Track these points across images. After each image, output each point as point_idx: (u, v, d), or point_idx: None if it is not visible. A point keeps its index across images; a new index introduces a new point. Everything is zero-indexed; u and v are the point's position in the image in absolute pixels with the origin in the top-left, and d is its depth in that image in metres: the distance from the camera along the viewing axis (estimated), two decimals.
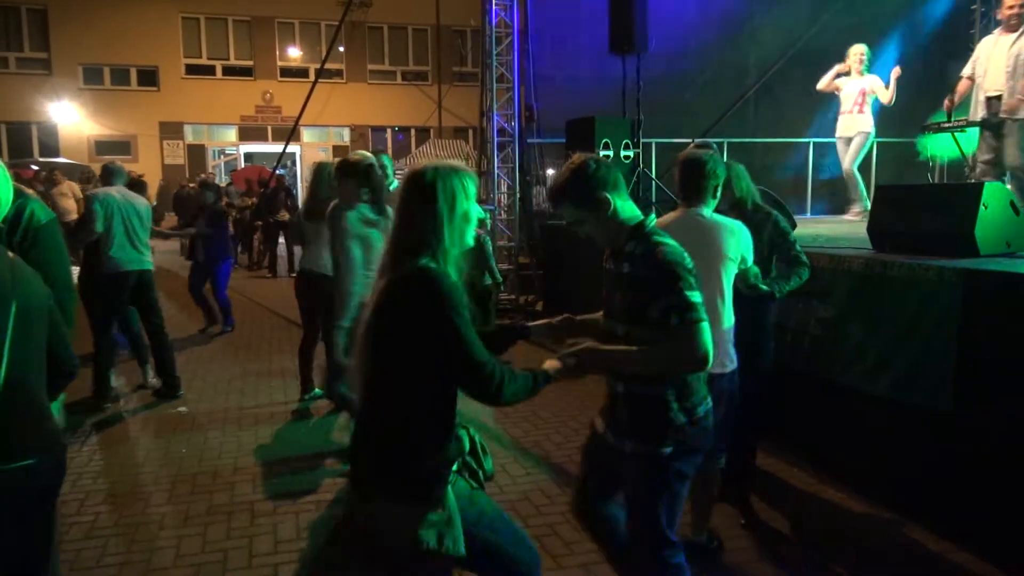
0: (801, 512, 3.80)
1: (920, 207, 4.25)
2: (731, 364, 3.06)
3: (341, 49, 22.96)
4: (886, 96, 7.62)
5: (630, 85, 8.00)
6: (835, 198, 9.18)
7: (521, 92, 9.61)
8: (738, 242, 3.03)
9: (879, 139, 9.70)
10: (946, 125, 7.72)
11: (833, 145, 8.12)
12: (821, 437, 4.40)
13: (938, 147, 8.58)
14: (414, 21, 24.09)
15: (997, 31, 6.30)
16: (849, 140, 7.76)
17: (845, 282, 4.20)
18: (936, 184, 7.47)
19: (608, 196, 2.16)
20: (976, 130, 7.20)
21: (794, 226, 4.52)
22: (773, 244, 3.53)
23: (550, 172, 13.40)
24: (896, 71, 7.57)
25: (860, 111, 7.69)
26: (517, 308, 9.26)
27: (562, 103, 9.14)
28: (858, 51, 7.70)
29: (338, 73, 23.65)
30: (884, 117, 9.74)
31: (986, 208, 3.92)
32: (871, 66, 7.74)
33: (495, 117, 9.53)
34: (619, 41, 7.66)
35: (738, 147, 9.19)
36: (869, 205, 7.05)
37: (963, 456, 3.44)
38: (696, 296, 2.07)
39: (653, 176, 8.56)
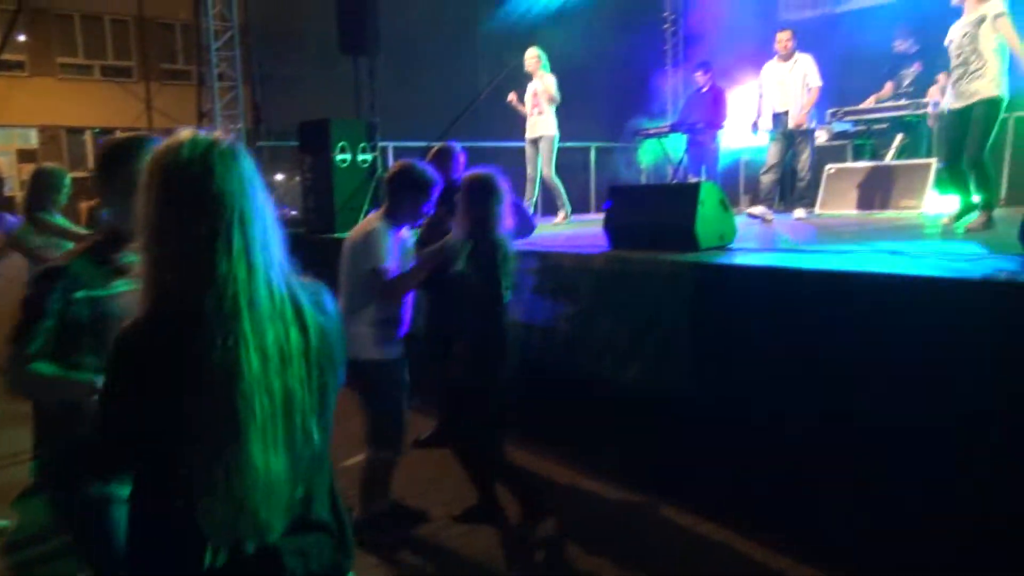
0: (562, 505, 3.90)
1: (648, 205, 4.59)
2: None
3: (22, 38, 19.87)
4: (547, 97, 7.44)
5: (364, 86, 7.80)
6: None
7: (246, 91, 8.95)
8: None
9: (602, 143, 10.52)
10: (652, 131, 8.53)
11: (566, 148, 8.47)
12: (580, 431, 4.56)
13: (648, 151, 9.46)
14: (111, 11, 21.59)
15: (775, 58, 7.24)
16: (535, 142, 7.64)
17: (589, 279, 4.40)
18: (661, 184, 8.13)
19: None
20: (680, 136, 8.06)
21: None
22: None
23: (278, 177, 12.73)
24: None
25: (540, 112, 7.55)
26: None
27: (292, 104, 8.67)
28: (529, 55, 7.59)
29: (19, 65, 20.45)
30: (604, 123, 10.60)
31: (703, 205, 4.32)
32: (549, 67, 7.62)
33: (217, 118, 8.78)
34: (350, 40, 7.41)
35: (474, 151, 9.37)
36: (570, 209, 7.63)
37: (708, 436, 3.73)
38: None
39: None
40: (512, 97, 7.61)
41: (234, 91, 8.92)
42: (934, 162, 6.80)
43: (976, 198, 5.28)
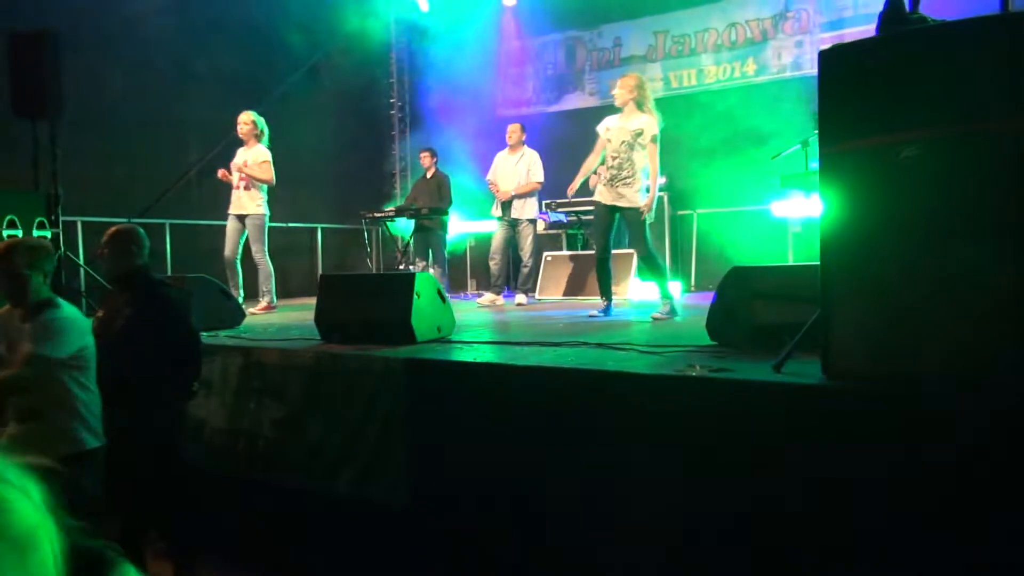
0: None
1: (362, 297, 4.34)
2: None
3: None
4: (256, 172, 6.73)
5: (43, 153, 6.76)
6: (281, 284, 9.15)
7: None
8: None
9: (329, 224, 10.17)
10: (379, 214, 8.39)
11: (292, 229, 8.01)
12: (289, 547, 4.07)
13: (377, 234, 9.29)
14: None
15: (506, 149, 7.40)
16: (241, 219, 6.86)
17: (298, 377, 4.01)
18: (375, 274, 7.91)
19: None
20: (408, 221, 7.99)
21: None
22: None
23: None
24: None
25: (247, 187, 6.78)
26: None
27: None
28: (243, 119, 6.90)
29: None
30: (331, 204, 10.29)
31: (419, 296, 4.16)
32: (268, 139, 6.97)
33: None
34: (25, 101, 6.41)
35: (183, 228, 8.56)
36: (276, 297, 7.00)
37: (425, 544, 3.46)
38: None
39: (80, 260, 7.35)
40: (223, 173, 7.00)
41: None
42: (635, 252, 7.41)
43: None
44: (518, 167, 7.38)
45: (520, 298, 7.31)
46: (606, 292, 5.88)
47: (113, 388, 3.66)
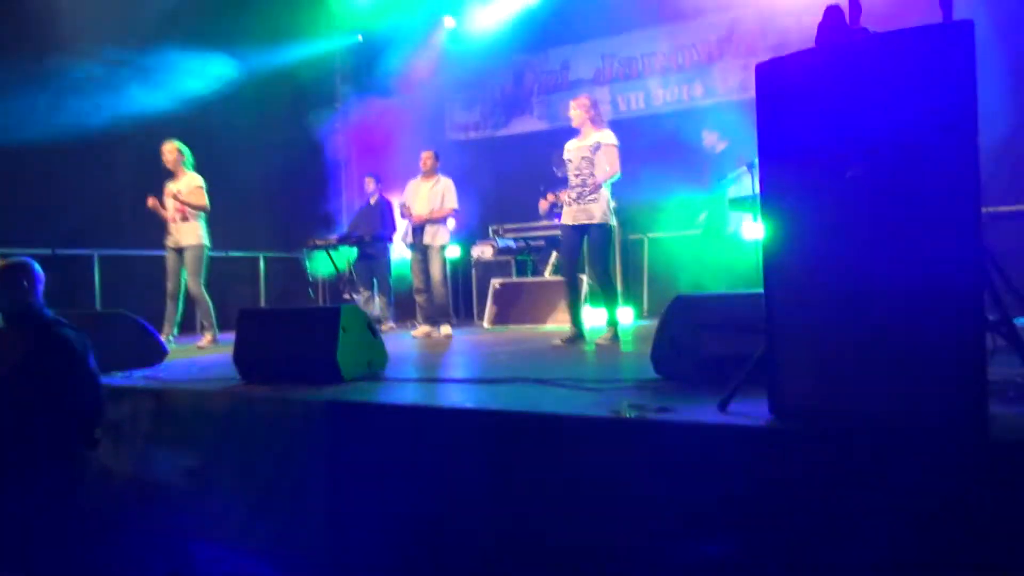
0: None
1: (285, 333, 4.03)
2: None
3: None
4: (192, 199, 6.57)
5: None
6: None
7: None
8: None
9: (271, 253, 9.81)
10: (320, 243, 8.10)
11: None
12: None
13: (319, 263, 8.96)
14: None
15: (419, 176, 7.14)
16: (180, 252, 6.61)
17: (211, 423, 3.68)
18: (298, 309, 7.48)
19: None
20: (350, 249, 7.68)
21: None
22: None
23: None
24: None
25: (184, 218, 6.58)
26: None
27: None
28: (167, 149, 6.68)
29: None
30: (272, 232, 9.93)
31: (345, 331, 3.87)
32: (193, 164, 6.79)
33: None
34: None
35: (113, 260, 8.13)
36: (218, 331, 6.66)
37: None
38: None
39: None
40: (152, 202, 6.67)
41: None
42: (585, 277, 7.20)
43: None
44: (432, 192, 7.07)
45: (446, 329, 6.92)
46: (575, 318, 5.65)
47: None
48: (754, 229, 6.71)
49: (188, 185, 6.64)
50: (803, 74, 2.44)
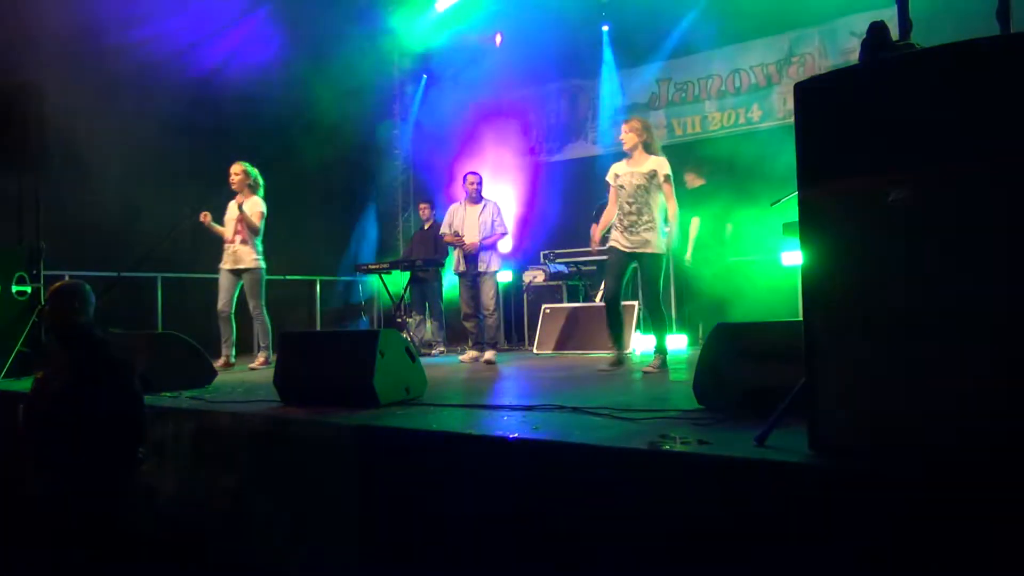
0: None
1: (324, 356, 4.04)
2: None
3: None
4: (254, 220, 6.57)
5: (27, 206, 6.66)
6: None
7: None
8: None
9: (326, 277, 9.97)
10: (373, 267, 8.18)
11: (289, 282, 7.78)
12: None
13: (373, 287, 9.06)
14: None
15: (464, 200, 7.04)
16: (237, 273, 6.67)
17: (249, 444, 3.70)
18: (339, 331, 7.49)
19: None
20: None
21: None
22: None
23: None
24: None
25: (243, 241, 6.61)
26: None
27: None
28: (235, 170, 6.68)
29: None
30: (329, 256, 10.09)
31: (383, 356, 3.85)
32: (263, 190, 6.83)
33: None
34: (7, 154, 6.32)
35: (174, 282, 8.39)
36: (273, 352, 6.64)
37: None
38: None
39: None
40: (206, 217, 6.74)
41: None
42: (637, 304, 7.06)
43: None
44: (482, 218, 6.90)
45: (489, 354, 6.73)
46: (618, 341, 5.54)
47: (47, 452, 3.46)
48: (794, 257, 6.49)
49: (252, 208, 6.65)
50: (844, 92, 2.32)
